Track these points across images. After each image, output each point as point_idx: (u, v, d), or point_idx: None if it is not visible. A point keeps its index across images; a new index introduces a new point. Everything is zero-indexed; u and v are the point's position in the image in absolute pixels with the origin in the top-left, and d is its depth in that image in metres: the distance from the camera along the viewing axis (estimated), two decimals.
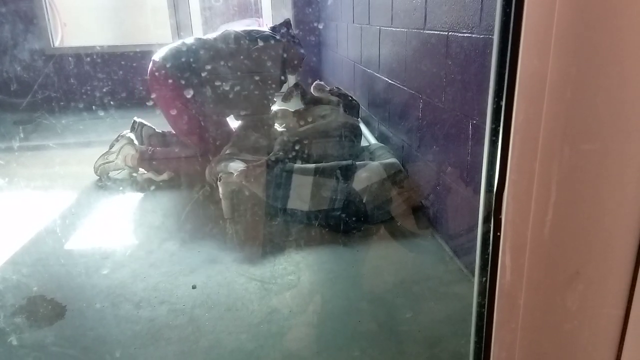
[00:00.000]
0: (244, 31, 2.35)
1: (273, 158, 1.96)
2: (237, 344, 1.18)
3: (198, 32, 4.24)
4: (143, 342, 1.19)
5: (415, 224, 1.77)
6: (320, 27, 4.19)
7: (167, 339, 1.20)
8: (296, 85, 2.56)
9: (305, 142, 2.13)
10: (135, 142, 2.36)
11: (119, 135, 2.34)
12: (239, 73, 2.28)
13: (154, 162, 2.31)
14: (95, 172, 2.30)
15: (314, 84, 2.60)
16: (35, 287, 1.45)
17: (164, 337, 1.21)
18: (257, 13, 4.44)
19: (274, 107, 2.55)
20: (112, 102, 3.81)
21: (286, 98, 2.61)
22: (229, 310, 1.31)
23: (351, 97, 2.57)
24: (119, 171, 2.35)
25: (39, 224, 1.87)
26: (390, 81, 2.15)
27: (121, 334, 1.22)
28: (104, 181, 2.30)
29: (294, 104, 2.61)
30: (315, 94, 2.56)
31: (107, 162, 2.31)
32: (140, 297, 1.37)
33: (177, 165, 2.34)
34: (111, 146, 2.33)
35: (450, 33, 1.47)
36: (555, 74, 0.47)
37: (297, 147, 2.11)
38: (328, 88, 2.56)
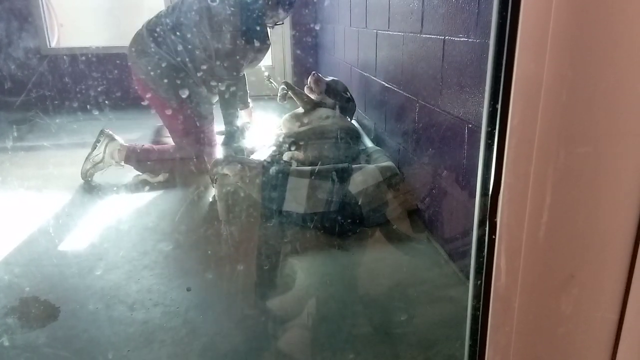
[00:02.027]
0: None
1: (269, 159, 1.96)
2: (231, 346, 1.18)
3: None
4: (137, 345, 1.18)
5: (410, 227, 1.77)
6: (317, 28, 4.20)
7: (161, 341, 1.20)
8: (286, 83, 2.54)
9: (302, 144, 2.13)
10: (116, 137, 2.32)
11: (99, 134, 2.30)
12: (198, 39, 2.19)
13: (141, 160, 2.28)
14: (85, 177, 2.27)
15: (311, 76, 2.55)
16: (27, 287, 1.43)
17: (157, 340, 1.20)
18: None
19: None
20: (107, 102, 3.80)
21: (282, 98, 2.59)
22: (223, 312, 1.31)
23: (347, 92, 2.56)
24: (105, 169, 2.32)
25: (33, 225, 1.86)
26: (386, 84, 2.16)
27: (115, 336, 1.21)
28: (94, 182, 2.28)
29: (292, 105, 2.61)
30: (312, 87, 2.53)
31: (95, 164, 2.27)
32: (134, 299, 1.37)
33: (167, 163, 2.31)
34: (94, 147, 2.27)
35: (446, 37, 1.47)
36: (551, 77, 0.47)
37: (293, 149, 2.11)
38: (326, 80, 2.55)
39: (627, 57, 0.45)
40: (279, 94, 2.59)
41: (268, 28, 2.41)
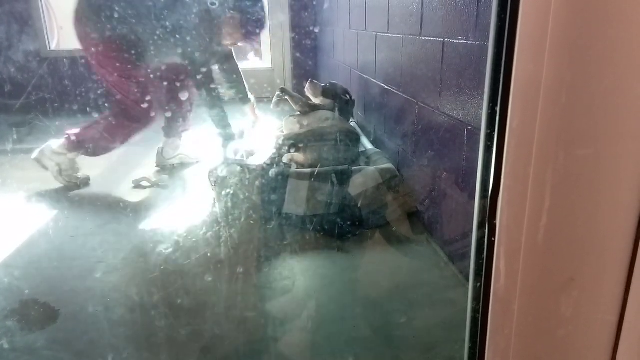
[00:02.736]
0: None
1: (269, 162, 1.96)
2: (231, 348, 1.17)
3: None
4: (137, 347, 1.18)
5: (410, 229, 1.77)
6: (316, 30, 4.21)
7: (161, 343, 1.19)
8: (282, 90, 2.52)
9: (302, 146, 2.13)
10: (43, 146, 2.26)
11: (36, 162, 2.25)
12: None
13: (84, 140, 2.23)
14: (71, 185, 2.25)
15: (308, 83, 2.57)
16: (27, 290, 1.43)
17: (157, 342, 1.20)
18: None
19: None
20: (106, 105, 3.80)
21: (276, 105, 2.56)
22: (223, 315, 1.30)
23: (347, 93, 2.56)
24: (76, 168, 2.29)
25: (32, 227, 1.86)
26: (386, 87, 2.16)
27: (114, 339, 1.21)
28: (79, 185, 2.28)
29: (287, 111, 2.60)
30: (310, 94, 2.54)
31: (62, 173, 2.24)
32: (133, 301, 1.36)
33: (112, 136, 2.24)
34: (49, 170, 2.25)
35: (446, 39, 1.47)
36: (550, 79, 0.47)
37: (293, 151, 2.11)
38: (322, 85, 2.55)
39: (626, 59, 0.45)
40: (273, 101, 2.57)
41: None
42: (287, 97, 2.50)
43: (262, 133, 2.72)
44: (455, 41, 1.41)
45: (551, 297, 0.54)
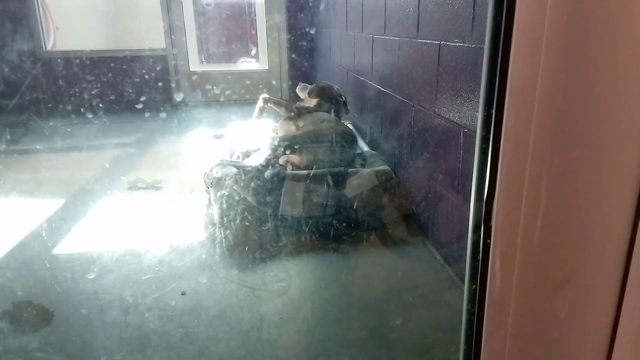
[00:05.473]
0: None
1: (264, 163, 1.95)
2: (226, 350, 1.17)
3: (192, 36, 4.24)
4: (131, 349, 1.17)
5: (406, 231, 1.77)
6: (312, 32, 4.21)
7: (155, 345, 1.19)
8: (264, 99, 2.48)
9: (298, 148, 2.13)
10: None
11: None
12: None
13: None
14: None
15: (298, 87, 2.58)
16: (20, 291, 1.42)
17: (152, 344, 1.19)
18: (250, 17, 4.45)
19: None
20: (101, 105, 3.78)
21: (258, 115, 2.51)
22: (218, 317, 1.30)
23: (339, 95, 2.55)
24: None
25: (26, 228, 1.85)
26: (382, 89, 2.16)
27: (108, 341, 1.21)
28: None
29: (273, 118, 2.58)
30: (301, 95, 2.54)
31: None
32: (128, 303, 1.36)
33: None
34: None
35: (442, 42, 1.48)
36: (546, 82, 0.48)
37: (289, 153, 2.11)
38: (309, 87, 2.55)
39: (620, 62, 0.45)
40: (255, 112, 2.52)
41: None
42: (271, 105, 2.48)
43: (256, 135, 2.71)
44: (452, 44, 1.41)
45: (546, 299, 0.54)
